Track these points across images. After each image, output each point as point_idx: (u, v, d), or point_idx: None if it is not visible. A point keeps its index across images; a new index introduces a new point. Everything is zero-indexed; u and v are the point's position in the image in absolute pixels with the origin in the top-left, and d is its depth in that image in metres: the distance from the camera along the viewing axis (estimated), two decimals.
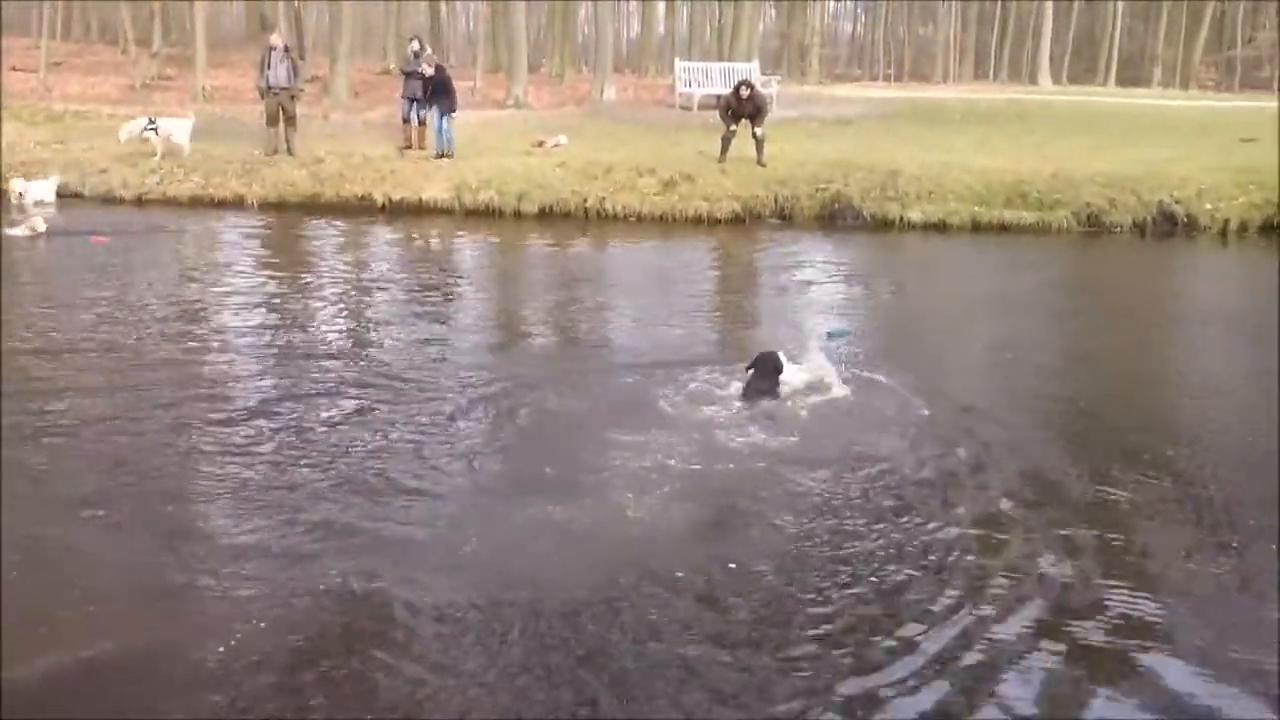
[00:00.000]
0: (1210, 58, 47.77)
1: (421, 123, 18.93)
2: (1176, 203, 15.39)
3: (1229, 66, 47.54)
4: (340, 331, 9.01)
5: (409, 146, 18.78)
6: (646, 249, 14.11)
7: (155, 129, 18.25)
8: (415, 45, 19.35)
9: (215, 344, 8.42)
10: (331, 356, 7.96)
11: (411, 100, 18.92)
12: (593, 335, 9.23)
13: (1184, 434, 6.50)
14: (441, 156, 17.92)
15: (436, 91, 18.21)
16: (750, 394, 6.83)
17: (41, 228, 13.10)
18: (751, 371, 6.99)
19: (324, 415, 6.53)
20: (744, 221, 15.55)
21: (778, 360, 7.00)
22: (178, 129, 18.45)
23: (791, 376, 6.98)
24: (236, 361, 7.92)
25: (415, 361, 7.93)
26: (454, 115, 18.46)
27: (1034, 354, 8.59)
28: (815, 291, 11.24)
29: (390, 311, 9.85)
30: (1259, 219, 15.14)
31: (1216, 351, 9.13)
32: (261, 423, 6.38)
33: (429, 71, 18.20)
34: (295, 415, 6.52)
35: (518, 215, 15.87)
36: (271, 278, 11.37)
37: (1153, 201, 15.39)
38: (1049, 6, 41.47)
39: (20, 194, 15.65)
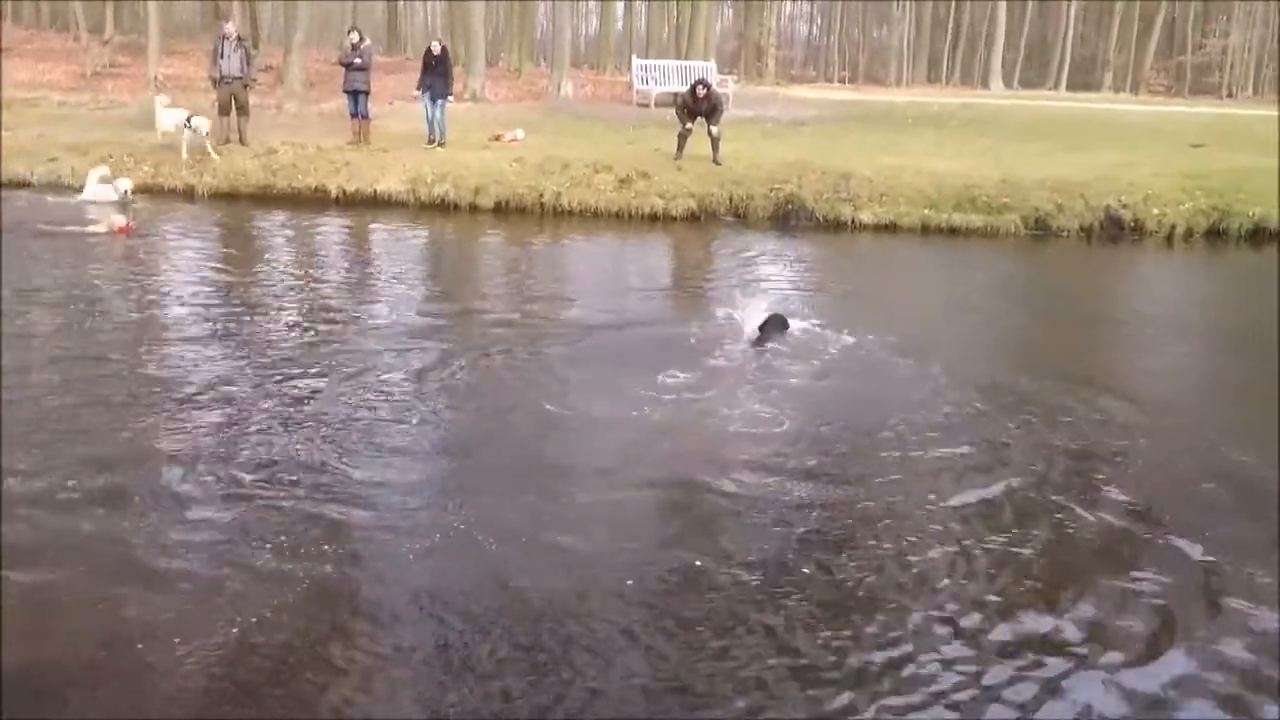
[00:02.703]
0: (1161, 63, 48.53)
1: (365, 116, 18.75)
2: (1124, 207, 15.62)
3: (1179, 72, 48.32)
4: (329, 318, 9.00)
5: (355, 142, 18.56)
6: (602, 244, 14.22)
7: (190, 124, 17.28)
8: (354, 37, 18.77)
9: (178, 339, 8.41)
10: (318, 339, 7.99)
11: (353, 94, 18.58)
12: (553, 315, 9.40)
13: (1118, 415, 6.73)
14: (438, 145, 18.24)
15: (436, 73, 18.31)
16: (762, 343, 8.12)
17: (120, 223, 12.73)
18: (761, 330, 8.28)
19: (289, 398, 6.58)
20: (699, 219, 15.63)
21: (784, 319, 8.44)
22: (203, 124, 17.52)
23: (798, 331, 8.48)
24: (198, 348, 7.93)
25: (378, 340, 8.19)
26: (449, 100, 18.83)
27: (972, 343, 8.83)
28: (765, 286, 11.44)
29: (356, 298, 10.06)
30: (1205, 224, 15.41)
31: (1153, 350, 9.32)
32: (215, 407, 6.48)
33: (358, 61, 18.27)
34: (251, 400, 6.59)
35: (473, 209, 15.84)
36: (224, 269, 11.37)
37: (1100, 206, 15.62)
38: (1001, 11, 41.96)
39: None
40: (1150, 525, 5.27)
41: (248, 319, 8.90)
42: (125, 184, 14.77)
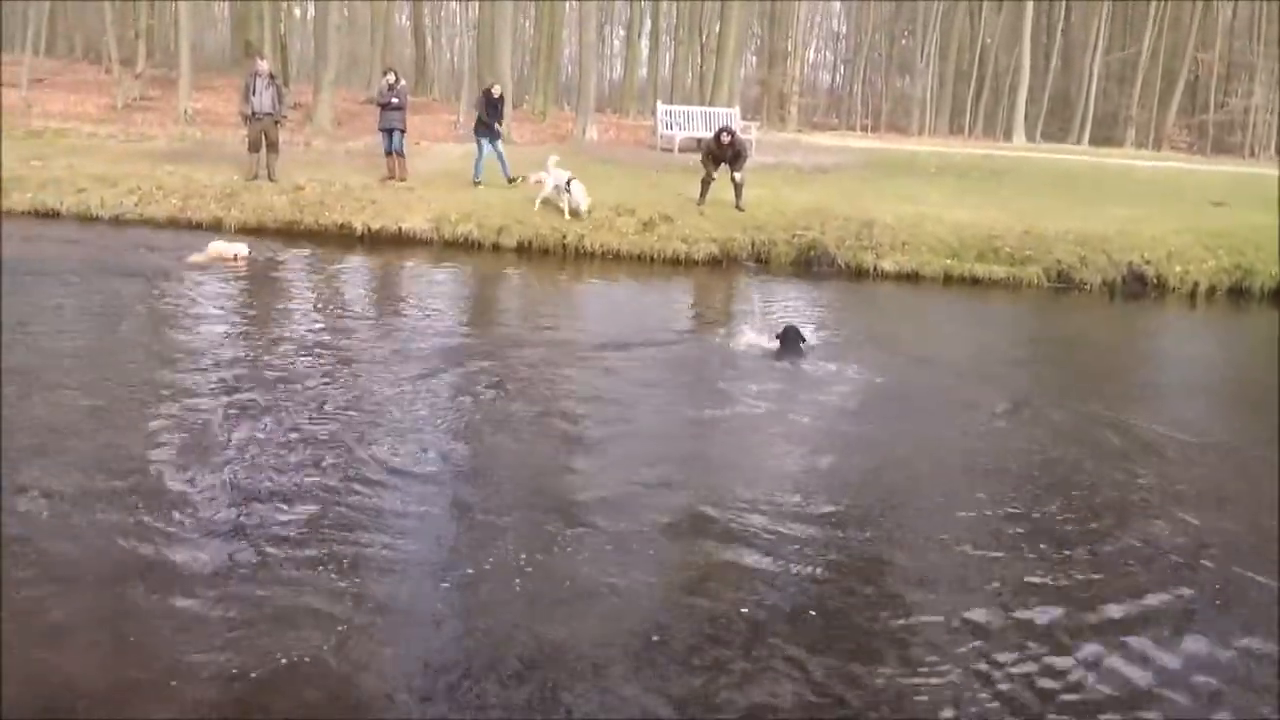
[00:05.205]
0: (1183, 120, 48.61)
1: (400, 154, 18.99)
2: (1146, 263, 15.60)
3: (1201, 130, 48.36)
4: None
5: (390, 178, 18.78)
6: (625, 285, 14.33)
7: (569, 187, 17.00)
8: (390, 78, 19.18)
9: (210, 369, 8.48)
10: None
11: (389, 132, 18.86)
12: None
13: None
14: (509, 181, 18.71)
15: (495, 114, 18.81)
16: (784, 354, 9.25)
17: (228, 254, 13.59)
18: (780, 345, 9.37)
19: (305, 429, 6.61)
20: (721, 264, 15.69)
21: (799, 332, 9.50)
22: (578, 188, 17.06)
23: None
24: (210, 372, 7.98)
25: (402, 364, 8.17)
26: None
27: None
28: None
29: (385, 327, 10.09)
30: (1227, 283, 15.40)
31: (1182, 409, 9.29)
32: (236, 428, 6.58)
33: (395, 101, 18.63)
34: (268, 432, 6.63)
35: (496, 249, 15.93)
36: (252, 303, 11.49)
37: (1123, 261, 15.60)
38: (1025, 64, 42.16)
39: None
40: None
41: (283, 348, 9.00)
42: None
